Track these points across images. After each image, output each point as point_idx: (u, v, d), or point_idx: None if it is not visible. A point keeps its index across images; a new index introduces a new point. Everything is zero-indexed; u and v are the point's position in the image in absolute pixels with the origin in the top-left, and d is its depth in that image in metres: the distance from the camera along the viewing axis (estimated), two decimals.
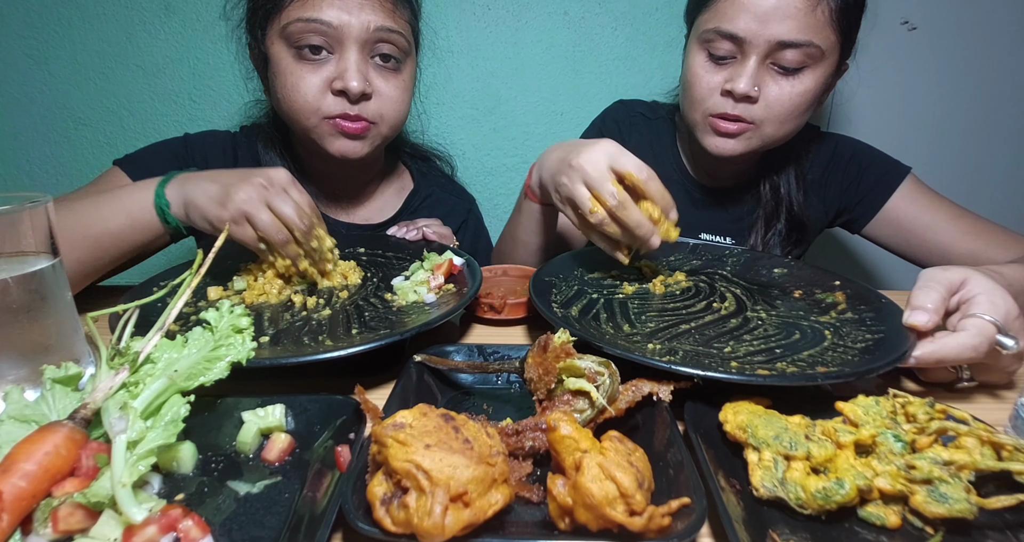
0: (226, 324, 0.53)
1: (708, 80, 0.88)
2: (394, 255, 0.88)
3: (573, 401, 0.49)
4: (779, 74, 0.85)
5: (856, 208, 1.01)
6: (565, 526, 0.39)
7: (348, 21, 0.80)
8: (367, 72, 0.84)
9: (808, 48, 0.81)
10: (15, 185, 1.47)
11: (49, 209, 0.56)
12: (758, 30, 0.81)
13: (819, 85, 0.86)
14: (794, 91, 0.85)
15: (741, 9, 0.82)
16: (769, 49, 0.82)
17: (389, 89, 0.87)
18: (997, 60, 1.40)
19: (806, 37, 0.81)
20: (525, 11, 1.34)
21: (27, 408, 0.46)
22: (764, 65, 0.84)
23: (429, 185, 1.11)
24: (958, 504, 0.40)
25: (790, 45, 0.81)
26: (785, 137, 0.91)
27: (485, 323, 0.77)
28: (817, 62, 0.84)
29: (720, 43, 0.85)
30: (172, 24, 1.34)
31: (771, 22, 0.80)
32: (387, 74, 0.87)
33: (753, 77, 0.84)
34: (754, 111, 0.86)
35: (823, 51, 0.82)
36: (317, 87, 0.84)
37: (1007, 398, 0.60)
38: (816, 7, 0.80)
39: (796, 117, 0.88)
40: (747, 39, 0.82)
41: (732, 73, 0.86)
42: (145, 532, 0.37)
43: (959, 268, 0.61)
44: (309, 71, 0.83)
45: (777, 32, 0.81)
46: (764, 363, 0.56)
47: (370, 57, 0.85)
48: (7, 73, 1.38)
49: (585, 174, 0.70)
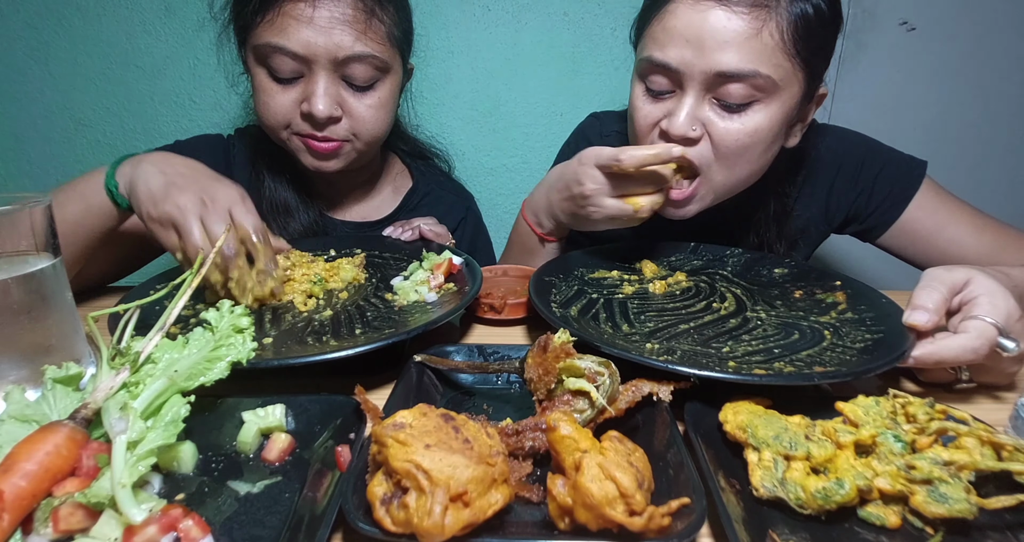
0: (226, 324, 0.53)
1: (646, 115, 0.78)
2: (391, 255, 0.88)
3: (573, 401, 0.49)
4: (725, 110, 0.73)
5: (868, 218, 0.92)
6: (565, 526, 0.39)
7: (316, 47, 0.78)
8: (337, 94, 0.83)
9: (754, 79, 0.69)
10: (15, 185, 1.47)
11: (49, 209, 0.56)
12: (692, 60, 0.70)
13: (775, 122, 0.73)
14: (743, 130, 0.72)
15: (674, 34, 0.71)
16: (708, 82, 0.71)
17: (362, 108, 0.86)
18: (996, 60, 1.40)
19: (750, 67, 0.68)
20: (525, 12, 1.34)
21: (28, 408, 0.46)
22: (705, 100, 0.73)
23: (428, 183, 1.11)
24: (958, 504, 0.40)
25: (732, 78, 0.69)
26: (740, 183, 0.80)
27: (485, 323, 0.77)
28: (769, 95, 0.71)
29: (655, 75, 0.75)
30: (172, 24, 1.34)
31: (707, 49, 0.69)
32: (360, 93, 0.85)
33: (691, 115, 0.73)
34: (698, 153, 0.75)
35: (775, 82, 0.70)
36: (287, 107, 0.84)
37: (1007, 398, 0.60)
38: (761, 30, 0.68)
39: (748, 161, 0.76)
40: (682, 71, 0.71)
41: (670, 108, 0.75)
42: (145, 532, 0.37)
43: (963, 268, 0.60)
44: (279, 91, 0.83)
45: (714, 62, 0.69)
46: (762, 363, 0.56)
47: (341, 79, 0.83)
48: (8, 73, 1.38)
49: (598, 191, 0.74)
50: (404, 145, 1.15)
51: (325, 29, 0.78)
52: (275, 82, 0.83)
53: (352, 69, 0.82)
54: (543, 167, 1.47)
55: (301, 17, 0.77)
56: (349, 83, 0.84)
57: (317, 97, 0.81)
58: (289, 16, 0.78)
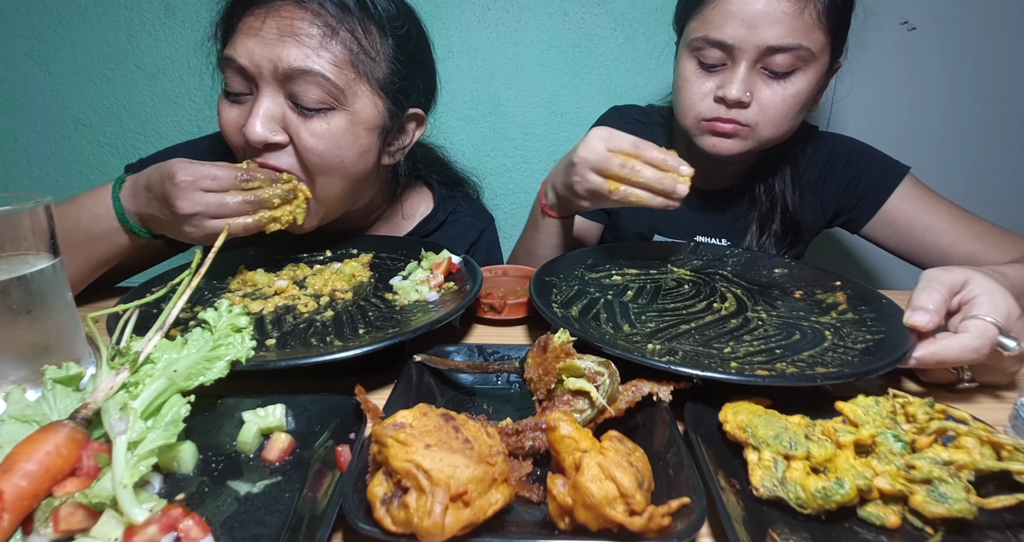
0: (225, 324, 0.53)
1: (699, 86, 0.88)
2: (388, 255, 0.88)
3: (573, 401, 0.49)
4: (770, 78, 0.85)
5: (855, 209, 1.01)
6: (565, 526, 0.39)
7: (259, 59, 0.72)
8: (281, 116, 0.74)
9: (798, 51, 0.82)
10: (15, 186, 1.47)
11: (49, 210, 0.56)
12: (747, 36, 0.81)
13: (811, 86, 0.86)
14: (786, 94, 0.85)
15: (728, 16, 0.82)
16: (759, 55, 0.83)
17: (305, 136, 0.74)
18: (997, 60, 1.40)
19: (795, 41, 0.81)
20: (525, 12, 1.34)
21: (28, 408, 0.46)
22: (755, 70, 0.84)
23: (447, 209, 1.04)
24: (958, 504, 0.40)
25: (779, 50, 0.81)
26: (780, 138, 0.91)
27: (485, 323, 0.77)
28: (807, 64, 0.84)
29: (709, 51, 0.85)
30: (172, 25, 1.34)
31: (759, 28, 0.81)
32: (306, 117, 0.74)
33: (744, 83, 0.84)
34: (747, 115, 0.86)
35: (813, 53, 0.83)
36: (233, 128, 0.77)
37: (1007, 398, 0.60)
38: (804, 10, 0.80)
39: (790, 119, 0.88)
40: (736, 46, 0.83)
41: (723, 79, 0.86)
42: (146, 532, 0.37)
43: (961, 268, 0.60)
44: (228, 108, 0.77)
45: (766, 37, 0.81)
46: (764, 363, 0.56)
47: (287, 98, 0.74)
48: (8, 74, 1.38)
49: (589, 162, 0.76)
50: (437, 174, 1.07)
51: (271, 41, 0.72)
52: (227, 99, 0.77)
53: (298, 86, 0.72)
54: (543, 167, 1.48)
55: (250, 30, 0.73)
56: (296, 103, 0.74)
57: (254, 116, 0.72)
58: (241, 31, 0.74)
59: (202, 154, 0.96)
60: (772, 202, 1.01)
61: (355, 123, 0.77)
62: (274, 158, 0.75)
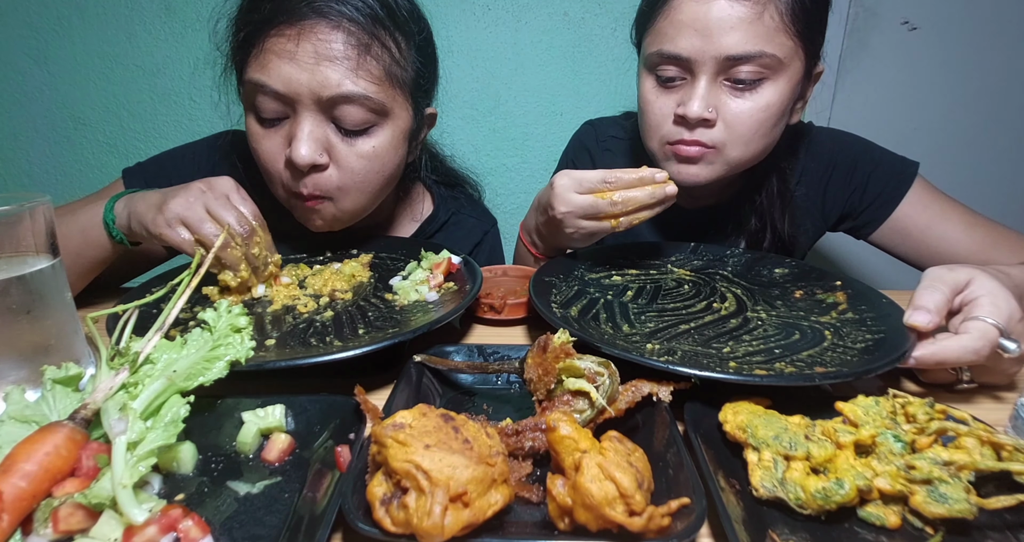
0: (224, 324, 0.53)
1: (660, 106, 0.82)
2: (388, 255, 0.88)
3: (573, 401, 0.49)
4: (734, 91, 0.77)
5: (861, 215, 0.94)
6: (565, 526, 0.39)
7: (298, 86, 0.70)
8: (325, 139, 0.73)
9: (761, 59, 0.74)
10: (15, 185, 1.47)
11: (49, 209, 0.56)
12: (703, 47, 0.75)
13: (783, 97, 0.78)
14: (755, 107, 0.77)
15: (681, 27, 0.75)
16: (718, 66, 0.76)
17: (352, 157, 0.75)
18: (997, 60, 1.40)
19: (756, 48, 0.74)
20: (525, 12, 1.34)
21: (27, 408, 0.46)
22: (717, 83, 0.77)
23: (448, 209, 1.04)
24: (958, 504, 0.40)
25: (741, 59, 0.74)
26: (754, 157, 0.83)
27: (485, 323, 0.77)
28: (775, 72, 0.76)
29: (666, 66, 0.79)
30: (172, 24, 1.34)
31: (715, 37, 0.74)
32: (351, 139, 0.75)
33: (705, 98, 0.76)
34: (713, 135, 0.79)
35: (780, 60, 0.75)
36: (273, 153, 0.76)
37: (1007, 398, 0.60)
38: (762, 14, 0.73)
39: (762, 135, 0.80)
40: (692, 58, 0.76)
41: (683, 96, 0.79)
42: (145, 532, 0.37)
43: (965, 268, 0.60)
44: (264, 135, 0.76)
45: (723, 46, 0.74)
46: (763, 363, 0.56)
47: (329, 121, 0.74)
48: (7, 73, 1.38)
49: (576, 214, 0.75)
50: (435, 175, 1.05)
51: (309, 65, 0.69)
52: (261, 124, 0.76)
53: (341, 111, 0.72)
54: (543, 167, 1.48)
55: (283, 52, 0.69)
56: (339, 127, 0.74)
57: (298, 140, 0.71)
58: (271, 51, 0.70)
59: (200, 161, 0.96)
60: (762, 223, 0.94)
61: (395, 135, 0.78)
62: (315, 179, 0.75)
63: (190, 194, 0.66)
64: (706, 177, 0.83)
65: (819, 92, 1.46)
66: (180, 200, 0.65)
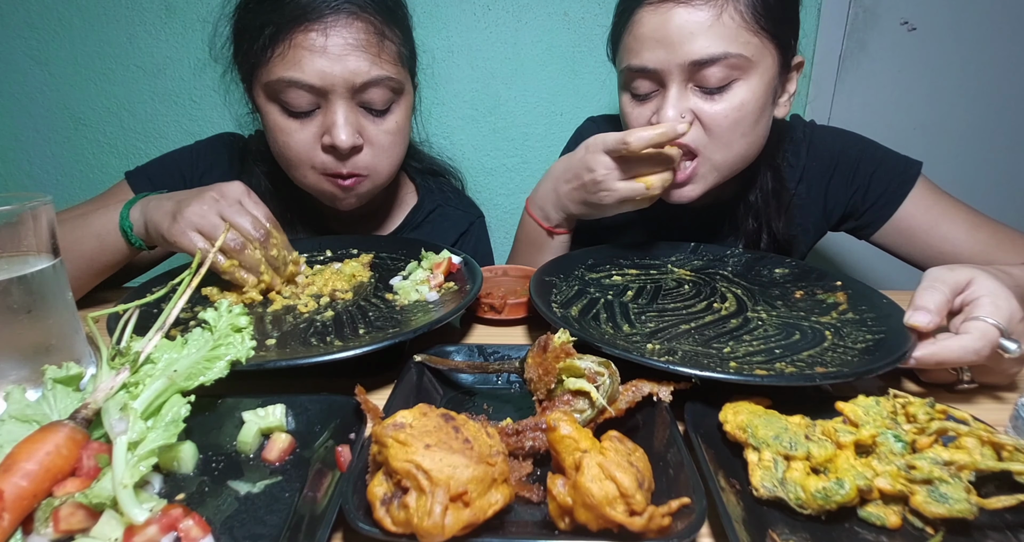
0: (225, 323, 0.53)
1: (635, 117, 0.83)
2: (388, 255, 0.88)
3: (573, 401, 0.49)
4: (706, 95, 0.78)
5: (864, 215, 0.94)
6: (565, 526, 0.39)
7: (332, 77, 0.76)
8: (357, 122, 0.81)
9: (727, 59, 0.74)
10: (15, 185, 1.47)
11: (50, 209, 0.56)
12: (667, 57, 0.75)
13: (757, 95, 0.78)
14: (729, 108, 0.77)
15: (644, 40, 0.77)
16: (686, 73, 0.76)
17: (381, 135, 0.84)
18: (997, 60, 1.40)
19: (720, 49, 0.74)
20: (525, 11, 1.34)
21: (28, 408, 0.46)
22: (687, 90, 0.78)
23: (434, 200, 1.08)
24: (958, 504, 0.40)
25: (706, 62, 0.74)
26: (742, 157, 0.83)
27: (485, 323, 0.77)
28: (745, 72, 0.76)
29: (638, 81, 0.80)
30: (172, 25, 1.34)
31: (677, 45, 0.74)
32: (378, 120, 0.83)
33: (677, 105, 0.77)
34: (694, 138, 0.80)
35: (748, 58, 0.75)
36: (308, 143, 0.81)
37: (1007, 399, 0.60)
38: (720, 15, 0.73)
39: (742, 135, 0.80)
40: (659, 69, 0.77)
41: (657, 106, 0.80)
42: (146, 532, 0.37)
43: (965, 268, 0.59)
44: (297, 128, 0.80)
45: (687, 53, 0.74)
46: (763, 363, 0.56)
47: (359, 106, 0.81)
48: (8, 74, 1.38)
49: (608, 176, 0.77)
50: (415, 162, 1.11)
51: (340, 56, 0.75)
52: (291, 118, 0.80)
53: (370, 94, 0.80)
54: (543, 167, 1.47)
55: (314, 47, 0.75)
56: (368, 109, 0.82)
57: (339, 127, 0.78)
58: (301, 47, 0.75)
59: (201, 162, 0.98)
60: (757, 222, 0.94)
61: (408, 109, 0.88)
62: (354, 161, 0.82)
63: (204, 202, 0.66)
64: (700, 191, 0.85)
65: (819, 92, 1.46)
66: (194, 208, 0.66)
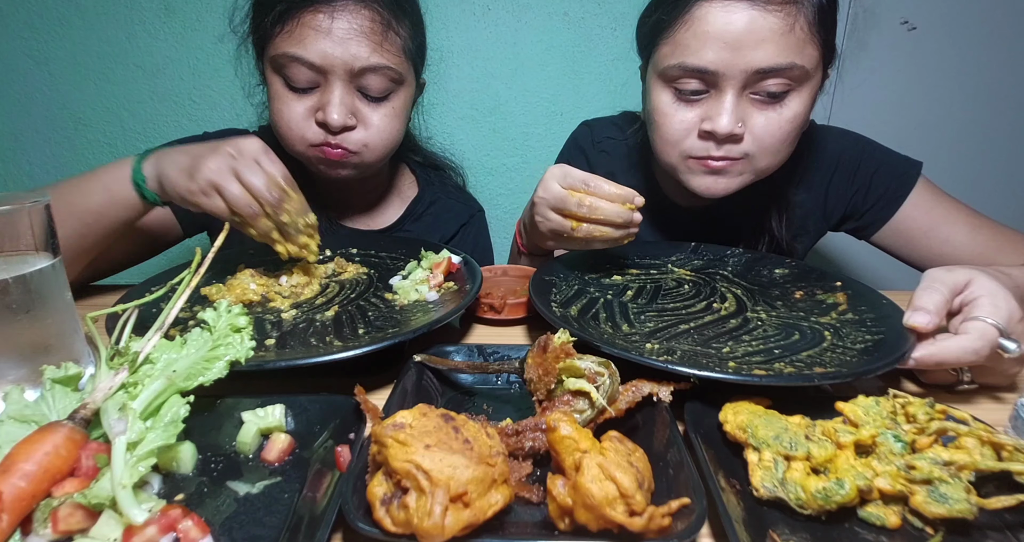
0: (224, 324, 0.53)
1: (680, 120, 0.78)
2: (388, 255, 0.88)
3: (573, 401, 0.49)
4: (762, 103, 0.75)
5: (864, 216, 0.94)
6: (565, 526, 0.39)
7: (332, 58, 0.80)
8: (352, 104, 0.84)
9: (791, 71, 0.72)
10: (15, 185, 1.47)
11: (49, 209, 0.56)
12: (731, 60, 0.72)
13: (807, 106, 0.77)
14: (782, 119, 0.76)
15: (707, 39, 0.72)
16: (747, 79, 0.73)
17: (376, 118, 0.87)
18: (997, 60, 1.40)
19: (788, 60, 0.71)
20: (525, 11, 1.34)
21: (27, 408, 0.46)
22: (743, 96, 0.75)
23: (435, 192, 1.11)
24: (958, 504, 0.40)
25: (771, 72, 0.72)
26: (778, 166, 0.83)
27: (485, 323, 0.77)
28: (801, 84, 0.75)
29: (687, 79, 0.75)
30: (172, 24, 1.34)
31: (745, 49, 0.71)
32: (374, 104, 0.86)
33: (734, 113, 0.74)
34: (742, 148, 0.78)
35: (807, 71, 0.74)
36: (301, 116, 0.84)
37: (1007, 399, 0.60)
38: (794, 25, 0.71)
39: (788, 145, 0.80)
40: (720, 72, 0.73)
41: (707, 110, 0.76)
42: (145, 532, 0.37)
43: (964, 269, 0.59)
44: (295, 99, 0.84)
45: (754, 60, 0.71)
46: (762, 363, 0.56)
47: (356, 89, 0.84)
48: (7, 73, 1.38)
49: (548, 202, 0.74)
50: (416, 156, 1.14)
51: (342, 40, 0.79)
52: (291, 91, 0.84)
53: (367, 80, 0.83)
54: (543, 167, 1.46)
55: (319, 28, 0.78)
56: (364, 94, 0.85)
57: (332, 106, 0.81)
58: (308, 27, 0.79)
59: None
60: (758, 232, 0.94)
61: (407, 99, 0.91)
62: (345, 137, 0.85)
63: (220, 159, 0.66)
64: (735, 187, 0.82)
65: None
66: (211, 165, 0.65)
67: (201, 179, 0.65)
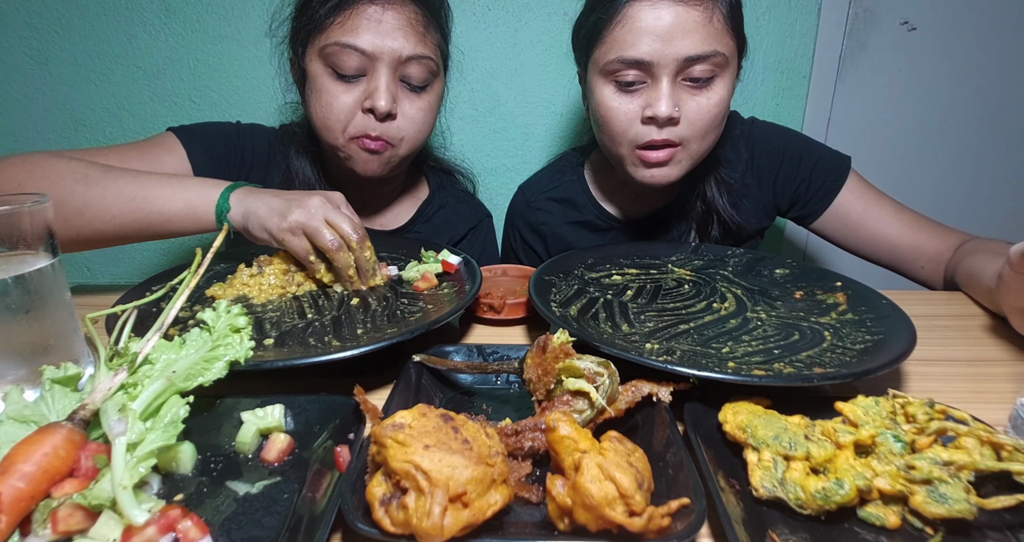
0: (223, 324, 0.53)
1: (625, 110, 0.86)
2: (388, 255, 0.88)
3: (572, 401, 0.49)
4: (693, 89, 0.84)
5: (807, 204, 1.04)
6: (564, 526, 0.39)
7: (381, 48, 0.86)
8: (396, 93, 0.89)
9: (714, 58, 0.81)
10: None
11: (48, 209, 0.56)
12: (663, 50, 0.80)
13: (730, 91, 0.86)
14: (711, 103, 0.84)
15: (640, 33, 0.81)
16: (678, 67, 0.81)
17: (414, 110, 0.92)
18: (997, 60, 1.40)
19: (711, 47, 0.81)
20: (525, 11, 1.34)
21: (26, 409, 0.46)
22: (676, 83, 0.83)
23: (444, 195, 1.15)
24: (958, 504, 0.40)
25: (698, 59, 0.81)
26: (708, 150, 0.91)
27: (485, 323, 0.77)
28: (723, 70, 0.84)
29: (626, 72, 0.84)
30: (172, 25, 1.34)
31: (674, 40, 0.80)
32: (413, 95, 0.92)
33: (671, 98, 0.82)
34: (679, 131, 0.85)
35: (727, 57, 0.83)
36: (348, 106, 0.89)
37: (1007, 399, 0.60)
38: (712, 16, 0.80)
39: (715, 127, 0.88)
40: (655, 61, 0.81)
41: (648, 98, 0.84)
42: (144, 533, 0.37)
43: None
44: (343, 90, 0.88)
45: (683, 48, 0.80)
46: (762, 364, 0.56)
47: (399, 79, 0.90)
48: (7, 74, 1.38)
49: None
50: (430, 160, 1.19)
51: (391, 30, 0.86)
52: (339, 81, 0.88)
53: (411, 69, 0.89)
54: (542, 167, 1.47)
55: (372, 18, 0.86)
56: (407, 83, 0.90)
57: (380, 92, 0.87)
58: (361, 17, 0.86)
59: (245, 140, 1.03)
60: (708, 208, 1.02)
61: (439, 94, 0.97)
62: (386, 127, 0.90)
63: (312, 205, 0.71)
64: (676, 175, 0.90)
65: (819, 92, 1.46)
66: (303, 211, 0.71)
67: (292, 219, 0.70)
